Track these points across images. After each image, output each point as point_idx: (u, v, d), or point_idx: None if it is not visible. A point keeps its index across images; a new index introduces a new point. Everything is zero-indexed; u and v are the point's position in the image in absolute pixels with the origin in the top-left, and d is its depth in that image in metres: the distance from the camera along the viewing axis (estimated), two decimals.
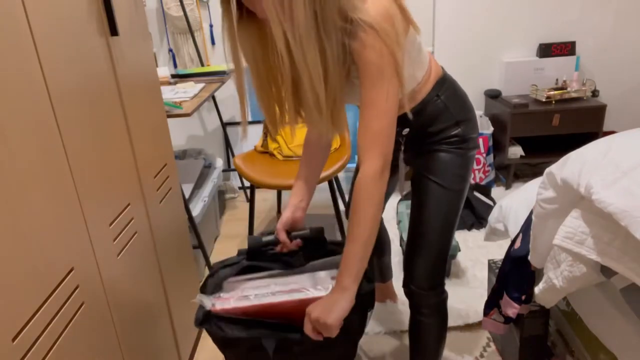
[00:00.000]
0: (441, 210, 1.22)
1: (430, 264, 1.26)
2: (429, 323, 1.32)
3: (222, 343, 1.10)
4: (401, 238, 2.20)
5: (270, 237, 1.23)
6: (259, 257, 1.26)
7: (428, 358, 1.35)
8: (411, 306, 1.34)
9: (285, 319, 1.05)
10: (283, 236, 1.21)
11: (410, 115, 1.15)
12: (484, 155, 2.86)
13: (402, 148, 1.28)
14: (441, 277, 1.29)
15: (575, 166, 1.04)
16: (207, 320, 1.08)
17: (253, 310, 1.07)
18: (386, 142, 1.00)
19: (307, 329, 1.00)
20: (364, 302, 1.13)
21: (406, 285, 1.31)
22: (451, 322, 1.80)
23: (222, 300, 1.10)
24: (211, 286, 1.18)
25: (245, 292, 1.13)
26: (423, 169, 1.24)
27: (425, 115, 1.20)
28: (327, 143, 1.28)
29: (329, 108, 1.01)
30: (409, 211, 2.35)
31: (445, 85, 1.21)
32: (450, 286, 2.02)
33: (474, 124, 1.23)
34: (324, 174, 2.11)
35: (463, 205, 1.37)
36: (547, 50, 2.89)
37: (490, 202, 2.67)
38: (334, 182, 2.36)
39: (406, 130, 1.24)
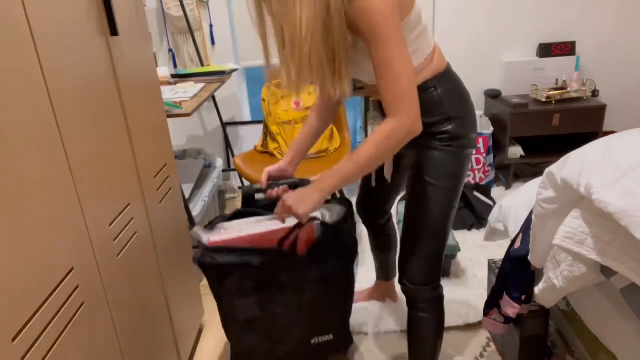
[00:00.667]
0: (433, 209, 1.22)
1: (423, 262, 1.26)
2: (425, 318, 1.33)
3: (216, 274, 1.24)
4: None
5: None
6: (253, 207, 1.40)
7: (425, 353, 1.36)
8: (408, 302, 1.35)
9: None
10: (265, 176, 1.35)
11: None
12: (484, 155, 2.86)
13: None
14: (436, 274, 1.29)
15: (575, 166, 1.04)
16: (203, 256, 1.21)
17: (246, 239, 1.20)
18: (408, 103, 1.03)
19: (278, 211, 1.16)
20: (347, 254, 1.29)
21: (401, 281, 1.32)
22: (451, 322, 1.80)
23: (217, 235, 1.24)
24: (208, 228, 1.31)
25: (238, 227, 1.27)
26: (415, 166, 1.24)
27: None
28: (330, 111, 1.38)
29: (331, 70, 1.04)
30: None
31: (446, 79, 1.20)
32: (450, 286, 2.02)
33: (470, 123, 1.22)
34: None
35: (459, 203, 1.38)
36: (547, 50, 2.89)
37: (490, 202, 2.66)
38: None
39: None
